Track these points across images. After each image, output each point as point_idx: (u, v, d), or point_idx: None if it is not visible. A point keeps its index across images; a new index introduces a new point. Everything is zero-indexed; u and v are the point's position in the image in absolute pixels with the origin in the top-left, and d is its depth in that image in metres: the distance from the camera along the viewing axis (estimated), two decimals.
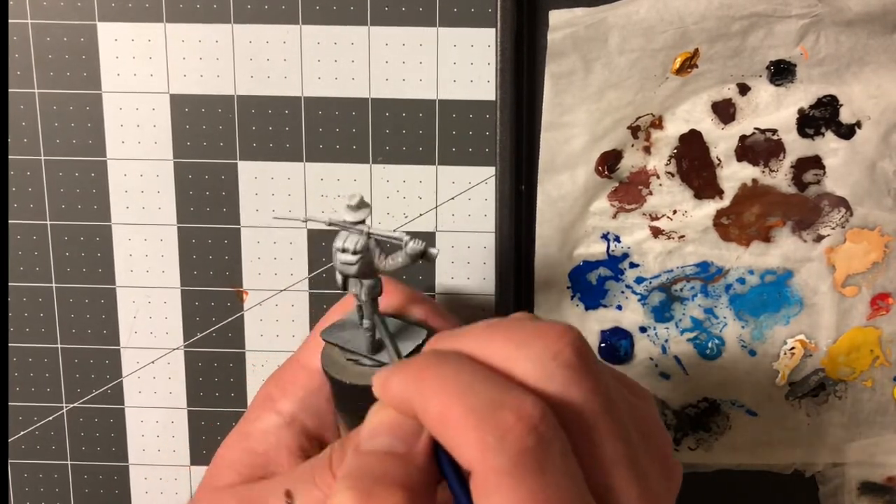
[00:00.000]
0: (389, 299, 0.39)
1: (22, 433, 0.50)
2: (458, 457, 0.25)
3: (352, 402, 0.35)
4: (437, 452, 0.27)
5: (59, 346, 0.49)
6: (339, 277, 0.35)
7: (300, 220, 0.36)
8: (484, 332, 0.28)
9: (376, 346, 0.36)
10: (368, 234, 0.34)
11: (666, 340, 0.47)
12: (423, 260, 0.33)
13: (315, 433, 0.38)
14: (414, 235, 0.33)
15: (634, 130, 0.44)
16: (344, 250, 0.33)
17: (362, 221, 0.34)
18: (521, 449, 0.24)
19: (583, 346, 0.27)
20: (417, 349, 0.36)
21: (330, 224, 0.34)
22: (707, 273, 0.46)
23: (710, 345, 0.47)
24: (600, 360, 0.32)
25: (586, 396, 0.26)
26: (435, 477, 0.27)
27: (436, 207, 0.46)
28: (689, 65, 0.43)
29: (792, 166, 0.45)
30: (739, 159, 0.45)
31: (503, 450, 0.24)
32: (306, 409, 0.38)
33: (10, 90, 0.46)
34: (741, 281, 0.46)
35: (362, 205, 0.34)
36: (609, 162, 0.45)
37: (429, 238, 0.47)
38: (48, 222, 0.48)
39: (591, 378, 0.27)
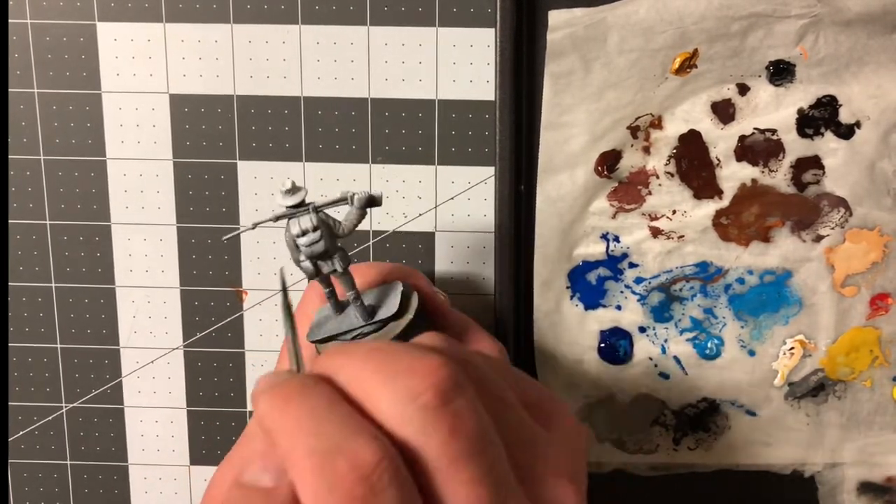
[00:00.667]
0: (369, 272, 0.39)
1: (21, 433, 0.50)
2: (300, 496, 0.26)
3: None
4: None
5: (58, 345, 0.49)
6: (308, 265, 0.35)
7: (248, 228, 0.36)
8: (361, 360, 0.28)
9: (370, 312, 0.36)
10: (316, 209, 0.34)
11: (665, 340, 0.47)
12: (373, 206, 0.34)
13: None
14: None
15: (634, 130, 0.44)
16: (304, 233, 0.34)
17: (303, 202, 0.34)
18: (350, 498, 0.25)
19: (449, 385, 0.26)
20: (404, 302, 0.36)
21: (277, 218, 0.34)
22: (706, 273, 0.46)
23: (709, 345, 0.47)
24: (501, 381, 0.30)
25: (444, 440, 0.26)
26: None
27: (435, 207, 0.46)
28: (688, 65, 0.43)
29: (791, 166, 0.45)
30: (739, 159, 0.45)
31: (333, 499, 0.25)
32: None
33: (9, 90, 0.46)
34: (740, 281, 0.46)
35: (295, 188, 0.34)
36: (608, 162, 0.45)
37: (428, 238, 0.47)
38: (48, 222, 0.48)
39: (449, 421, 0.26)
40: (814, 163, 0.45)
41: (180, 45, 0.45)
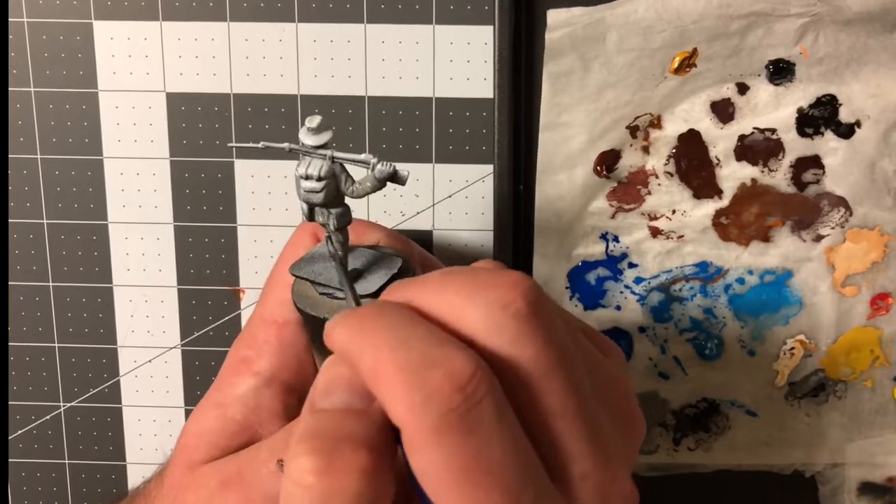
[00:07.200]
0: (368, 235, 0.36)
1: (19, 432, 0.50)
2: (389, 413, 0.25)
3: None
4: None
5: (56, 345, 0.49)
6: (304, 207, 0.32)
7: (258, 146, 0.33)
8: (437, 282, 0.27)
9: (352, 276, 0.33)
10: (332, 159, 0.31)
11: (665, 341, 0.47)
12: (394, 182, 0.31)
13: (299, 388, 0.35)
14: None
15: (633, 130, 0.44)
16: (307, 177, 0.31)
17: (324, 145, 0.31)
18: (447, 409, 0.24)
19: (537, 295, 0.26)
20: (391, 279, 0.33)
21: (290, 150, 0.31)
22: (706, 273, 0.46)
23: (709, 345, 0.47)
24: (562, 310, 0.30)
25: (537, 349, 0.25)
26: (393, 434, 0.25)
27: (433, 206, 0.46)
28: (687, 64, 0.43)
29: (791, 166, 0.44)
30: (738, 159, 0.45)
31: (429, 410, 0.24)
32: (285, 365, 0.35)
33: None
34: (740, 281, 0.46)
35: (323, 127, 0.31)
36: (607, 162, 0.45)
37: (426, 237, 0.47)
38: (45, 221, 0.48)
39: (542, 330, 0.26)
40: (814, 162, 0.44)
41: (177, 44, 0.45)
